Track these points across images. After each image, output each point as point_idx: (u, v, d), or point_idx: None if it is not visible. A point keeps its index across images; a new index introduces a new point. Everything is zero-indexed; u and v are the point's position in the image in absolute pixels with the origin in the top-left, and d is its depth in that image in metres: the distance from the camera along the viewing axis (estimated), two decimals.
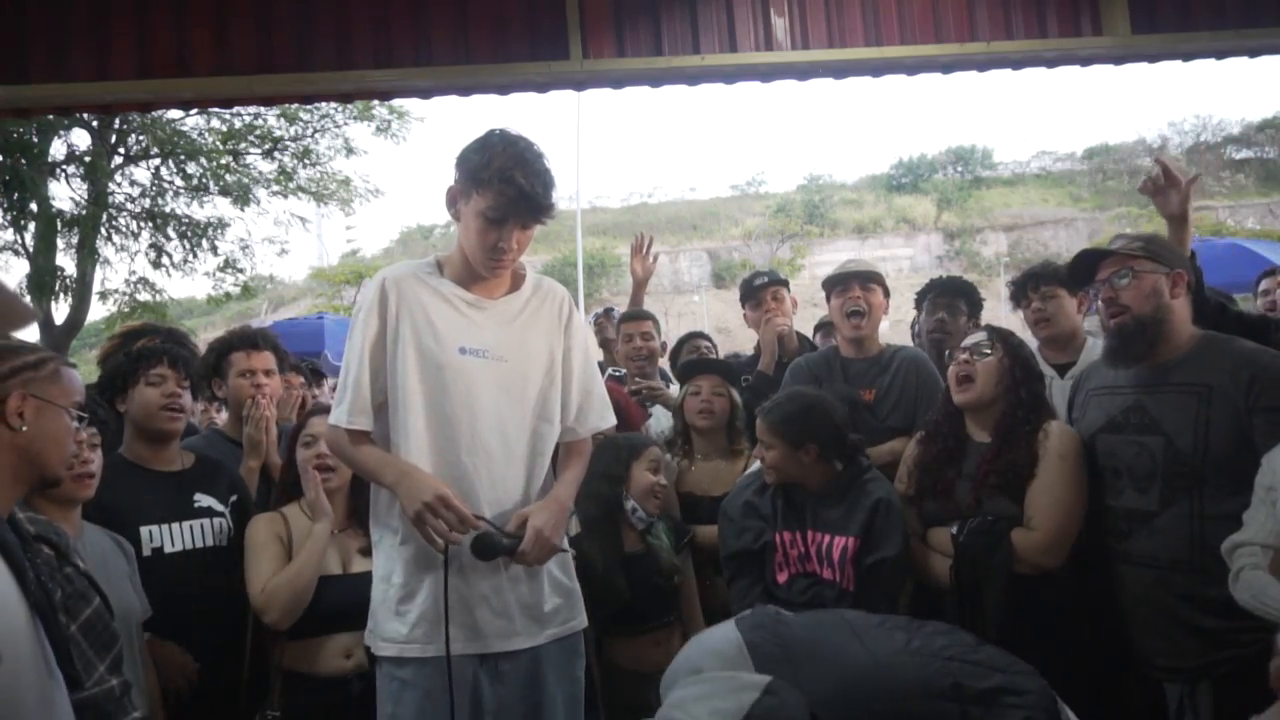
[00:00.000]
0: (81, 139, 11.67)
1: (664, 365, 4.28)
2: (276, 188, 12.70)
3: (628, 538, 2.63)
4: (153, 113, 9.87)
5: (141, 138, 11.85)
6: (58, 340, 10.66)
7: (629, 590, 2.56)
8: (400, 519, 1.94)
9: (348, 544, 2.42)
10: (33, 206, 10.79)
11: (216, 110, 10.50)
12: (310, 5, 3.84)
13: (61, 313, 11.38)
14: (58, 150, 11.39)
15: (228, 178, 12.15)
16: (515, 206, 1.90)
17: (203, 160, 11.95)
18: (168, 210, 12.29)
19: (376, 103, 11.48)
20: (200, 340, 4.32)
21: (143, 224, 12.19)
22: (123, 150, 11.90)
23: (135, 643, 2.03)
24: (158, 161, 12.11)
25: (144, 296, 12.18)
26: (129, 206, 12.23)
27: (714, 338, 4.23)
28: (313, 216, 15.93)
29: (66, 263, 11.56)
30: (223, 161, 12.04)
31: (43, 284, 10.87)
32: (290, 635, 2.28)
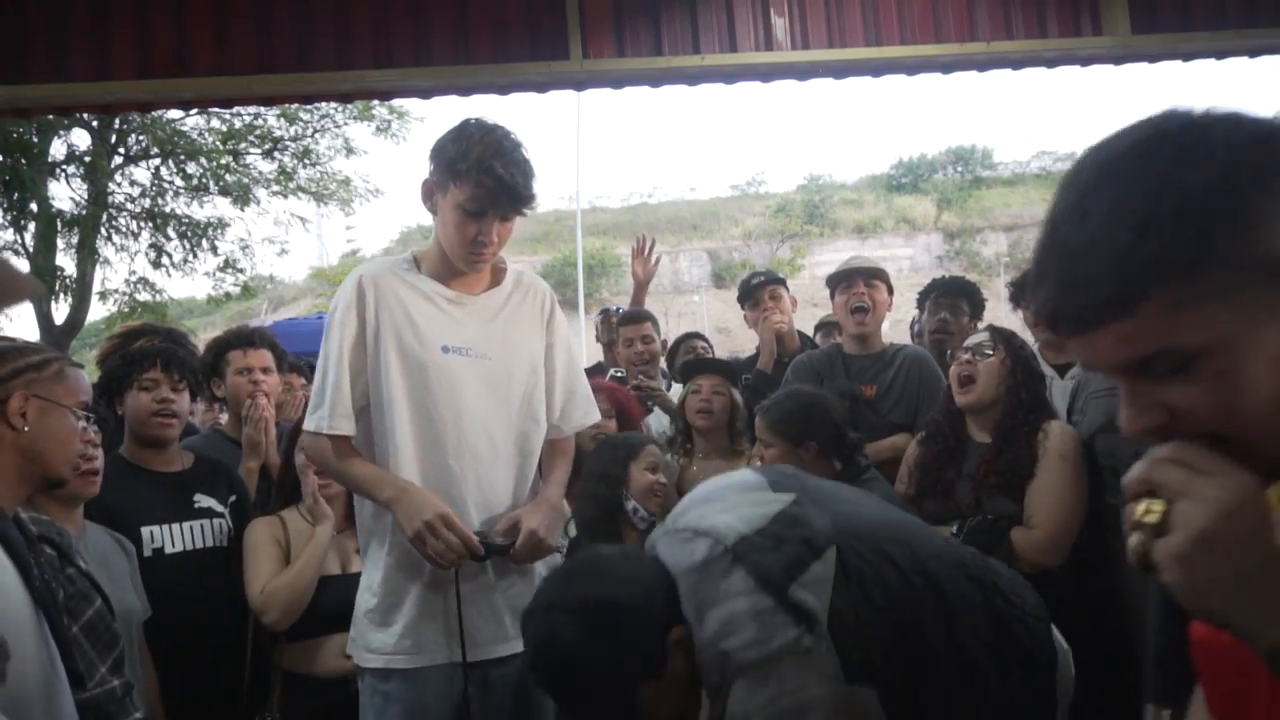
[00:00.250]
0: (81, 139, 11.71)
1: (663, 364, 4.28)
2: (276, 188, 12.72)
3: (629, 537, 2.62)
4: (153, 113, 9.88)
5: (141, 138, 11.87)
6: (58, 340, 10.66)
7: None
8: (389, 528, 1.89)
9: (346, 545, 2.41)
10: (33, 206, 10.79)
11: (216, 110, 10.51)
12: (310, 5, 3.85)
13: (61, 313, 11.40)
14: (58, 150, 11.43)
15: (228, 178, 12.17)
16: (495, 198, 1.82)
17: (203, 160, 11.97)
18: (168, 210, 12.32)
19: (376, 103, 11.48)
20: (200, 340, 4.32)
21: (143, 224, 12.21)
22: (123, 150, 11.92)
23: (135, 643, 2.03)
24: (158, 161, 12.13)
25: (144, 296, 12.20)
26: (129, 206, 12.25)
27: (714, 338, 4.24)
28: (313, 216, 15.96)
29: (66, 263, 11.60)
30: (223, 161, 12.05)
31: (43, 284, 10.88)
32: (289, 636, 2.28)
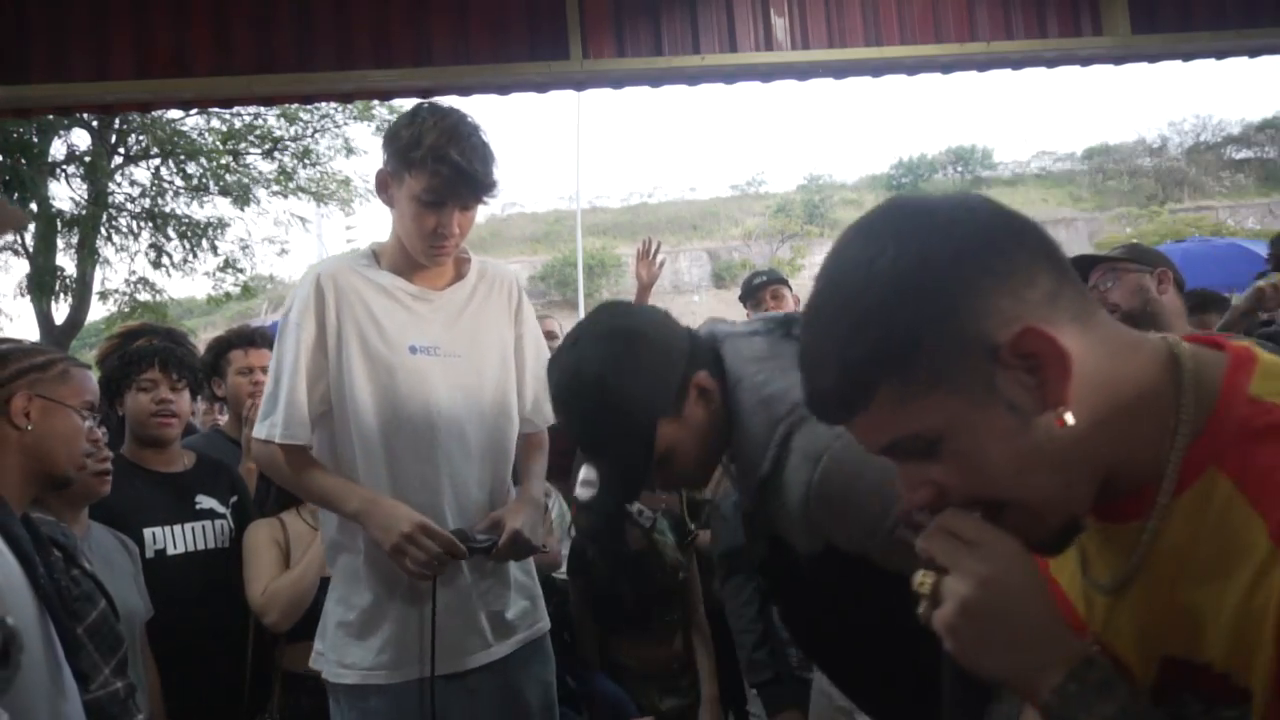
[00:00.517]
0: (81, 139, 11.70)
1: None
2: (276, 188, 12.70)
3: (632, 535, 2.62)
4: (153, 113, 9.88)
5: (141, 138, 11.86)
6: (58, 340, 10.67)
7: (633, 597, 2.54)
8: (361, 539, 1.79)
9: None
10: (33, 206, 10.79)
11: (216, 110, 10.50)
12: (310, 5, 3.85)
13: (61, 313, 11.40)
14: (58, 150, 11.42)
15: (228, 178, 12.15)
16: (453, 187, 1.72)
17: (203, 160, 11.95)
18: (168, 210, 12.30)
19: (376, 103, 11.47)
20: (200, 340, 4.32)
21: (143, 224, 12.20)
22: (123, 150, 11.91)
23: (138, 644, 2.03)
24: (158, 161, 12.12)
25: (144, 296, 12.18)
26: (129, 206, 12.24)
27: None
28: (313, 216, 15.90)
29: (66, 263, 11.59)
30: (223, 161, 12.04)
31: (43, 284, 10.88)
32: (290, 637, 2.28)
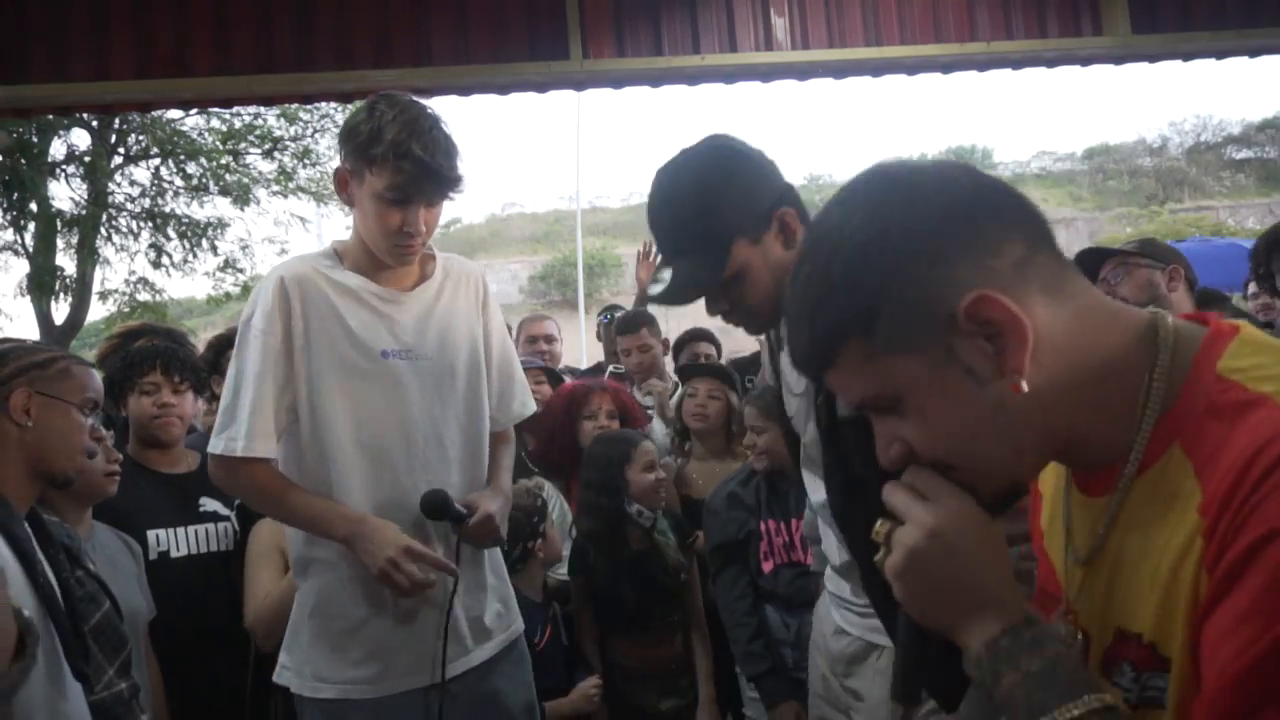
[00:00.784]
0: (81, 139, 11.72)
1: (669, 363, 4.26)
2: (276, 188, 12.70)
3: (632, 535, 2.61)
4: (153, 113, 9.88)
5: (141, 138, 11.87)
6: (57, 340, 10.67)
7: (634, 597, 2.54)
8: (336, 550, 1.73)
9: None
10: (33, 206, 10.80)
11: (216, 110, 10.51)
12: (310, 5, 3.85)
13: (61, 313, 11.41)
14: (58, 150, 11.44)
15: (228, 178, 12.16)
16: (417, 183, 1.65)
17: (203, 160, 11.96)
18: (168, 210, 12.31)
19: None
20: (200, 340, 4.32)
21: (143, 224, 12.21)
22: (123, 150, 11.92)
23: (141, 644, 2.03)
24: (158, 161, 12.13)
25: (144, 296, 12.19)
26: (129, 206, 12.25)
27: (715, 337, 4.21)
28: (313, 216, 15.86)
29: (66, 263, 11.61)
30: (223, 161, 12.05)
31: (43, 284, 10.90)
32: None
